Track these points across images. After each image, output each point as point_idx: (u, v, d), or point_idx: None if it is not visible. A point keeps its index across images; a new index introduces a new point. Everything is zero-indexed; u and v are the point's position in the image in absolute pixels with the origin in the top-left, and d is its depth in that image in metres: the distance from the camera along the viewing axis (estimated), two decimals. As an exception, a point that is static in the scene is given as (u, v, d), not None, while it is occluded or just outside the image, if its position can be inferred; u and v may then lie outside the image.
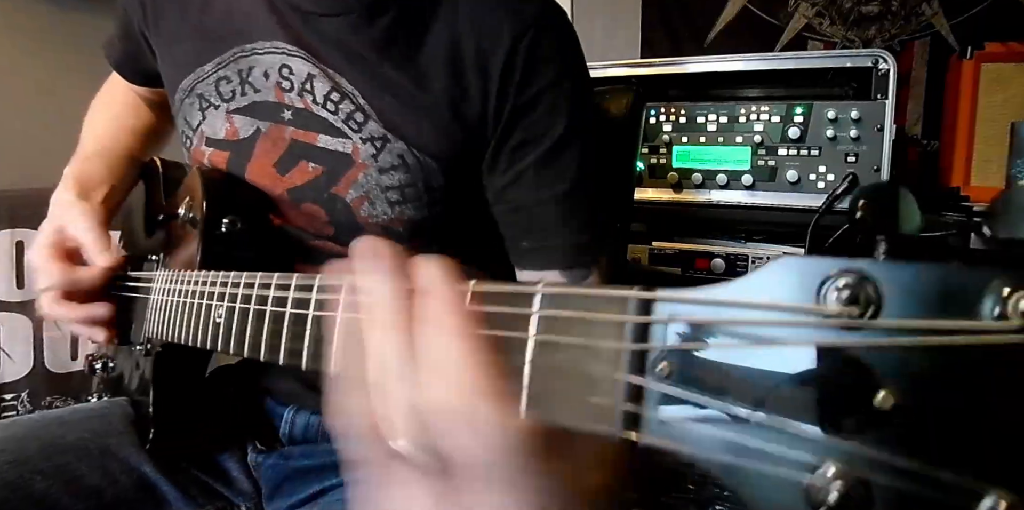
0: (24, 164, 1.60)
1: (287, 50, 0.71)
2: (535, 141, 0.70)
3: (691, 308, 0.25)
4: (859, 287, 0.21)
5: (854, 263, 0.22)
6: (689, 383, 0.25)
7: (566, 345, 0.28)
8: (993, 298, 0.19)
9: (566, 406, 0.28)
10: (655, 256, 1.36)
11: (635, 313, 0.27)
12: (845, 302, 0.21)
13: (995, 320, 0.19)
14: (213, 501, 0.78)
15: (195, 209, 0.71)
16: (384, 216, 0.72)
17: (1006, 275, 0.20)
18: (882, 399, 0.21)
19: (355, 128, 0.70)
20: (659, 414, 0.25)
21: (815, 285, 0.22)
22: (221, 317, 0.54)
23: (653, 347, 0.26)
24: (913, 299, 0.21)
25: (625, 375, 0.26)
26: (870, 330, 0.21)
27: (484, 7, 0.69)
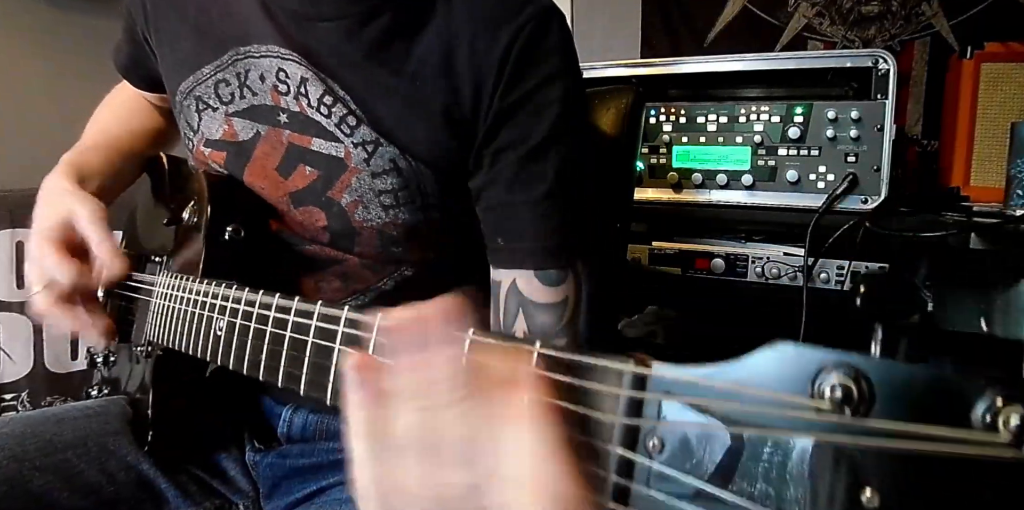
0: (24, 164, 1.60)
1: (282, 54, 0.72)
2: (517, 143, 0.70)
3: (684, 389, 0.25)
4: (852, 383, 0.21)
5: (849, 357, 0.22)
6: (679, 462, 0.25)
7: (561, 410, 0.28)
8: (985, 407, 0.20)
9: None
10: (655, 256, 1.36)
11: (630, 387, 0.27)
12: (838, 399, 0.21)
13: (985, 430, 0.19)
14: (211, 499, 0.78)
15: (200, 215, 0.71)
16: (378, 220, 0.72)
17: (1000, 386, 0.20)
18: (869, 498, 0.21)
19: (347, 132, 0.70)
20: (649, 491, 0.26)
21: (809, 376, 0.22)
22: (222, 330, 0.54)
23: (645, 423, 0.26)
24: (905, 400, 0.21)
25: (616, 448, 0.27)
26: (859, 429, 0.21)
27: (480, 12, 0.69)
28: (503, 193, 0.71)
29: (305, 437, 0.79)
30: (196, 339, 0.59)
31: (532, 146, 0.69)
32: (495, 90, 0.68)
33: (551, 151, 0.70)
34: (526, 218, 0.70)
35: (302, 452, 0.78)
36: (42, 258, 0.71)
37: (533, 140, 0.69)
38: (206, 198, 0.71)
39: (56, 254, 0.70)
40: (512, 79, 0.68)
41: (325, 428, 0.78)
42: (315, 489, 0.76)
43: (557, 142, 0.70)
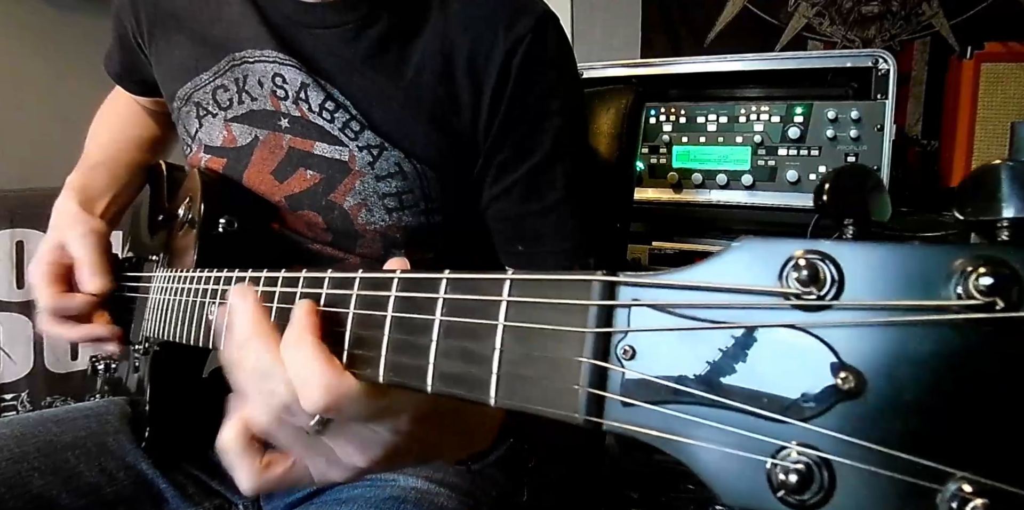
0: (24, 164, 1.60)
1: (278, 59, 0.71)
2: (525, 154, 0.70)
3: (654, 292, 0.25)
4: (819, 267, 0.21)
5: (816, 244, 0.22)
6: (652, 367, 0.25)
7: (534, 330, 0.29)
8: (956, 278, 0.19)
9: (534, 391, 0.28)
10: (655, 256, 1.36)
11: (599, 297, 0.26)
12: (805, 282, 0.21)
13: (958, 297, 0.19)
14: (210, 499, 0.77)
15: (193, 209, 0.71)
16: (381, 223, 0.72)
17: (969, 253, 0.19)
18: (844, 379, 0.21)
19: (351, 136, 0.70)
20: (622, 398, 0.25)
21: (777, 267, 0.22)
22: (214, 314, 0.54)
23: (616, 330, 0.26)
24: (875, 279, 0.20)
25: (588, 359, 0.26)
26: (832, 310, 0.21)
27: (477, 19, 0.69)
28: (517, 204, 0.72)
29: (304, 437, 0.79)
30: (190, 327, 0.59)
31: (540, 157, 0.70)
32: (496, 101, 0.69)
33: (559, 159, 0.71)
34: (541, 225, 0.72)
35: (301, 452, 0.78)
36: (34, 283, 0.77)
37: (541, 151, 0.70)
38: (199, 193, 0.71)
39: (43, 279, 0.76)
40: (513, 93, 0.69)
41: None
42: (315, 489, 0.75)
43: (563, 149, 0.71)
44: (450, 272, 0.33)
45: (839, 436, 0.21)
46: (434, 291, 0.33)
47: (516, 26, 0.68)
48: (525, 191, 0.71)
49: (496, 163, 0.71)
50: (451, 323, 0.32)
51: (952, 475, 0.19)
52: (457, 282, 0.33)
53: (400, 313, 0.35)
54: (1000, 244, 0.20)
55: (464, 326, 0.31)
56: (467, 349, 0.31)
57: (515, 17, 0.69)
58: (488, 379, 0.30)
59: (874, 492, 0.20)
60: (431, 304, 0.33)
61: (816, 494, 0.21)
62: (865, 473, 0.20)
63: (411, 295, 0.35)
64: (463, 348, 0.31)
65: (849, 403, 0.21)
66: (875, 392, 0.20)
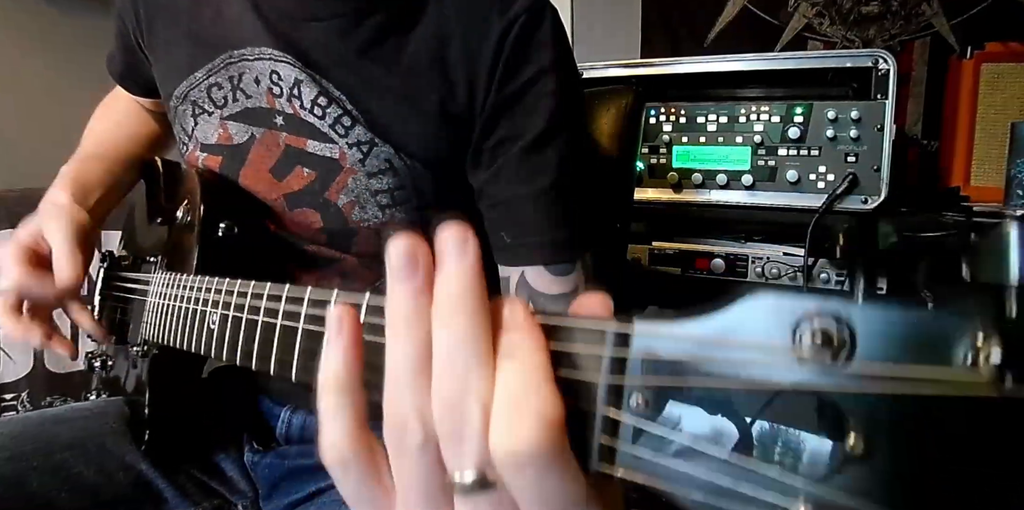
0: (24, 164, 1.60)
1: (274, 56, 0.71)
2: (516, 136, 0.70)
3: (667, 344, 0.25)
4: (833, 329, 0.21)
5: (829, 304, 0.22)
6: (664, 419, 0.25)
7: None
8: (966, 345, 0.19)
9: None
10: (655, 256, 1.36)
11: (612, 346, 0.26)
12: (819, 345, 0.21)
13: (967, 369, 0.19)
14: (210, 500, 0.77)
15: (192, 212, 0.71)
16: (375, 220, 0.72)
17: (980, 323, 0.19)
18: (854, 443, 0.21)
19: (341, 133, 0.70)
20: (634, 449, 0.25)
21: (790, 324, 0.22)
22: (215, 324, 0.54)
23: (629, 381, 0.26)
24: (887, 343, 0.21)
25: (602, 408, 0.26)
26: (843, 374, 0.21)
27: (471, 6, 0.69)
28: (506, 188, 0.71)
29: (304, 438, 0.79)
30: (190, 334, 0.59)
31: (531, 139, 0.69)
32: (489, 83, 0.68)
33: (551, 143, 0.70)
34: (531, 211, 0.70)
35: (301, 453, 0.78)
36: (4, 262, 0.72)
37: (532, 133, 0.69)
38: (199, 195, 0.71)
39: (14, 262, 0.71)
40: (507, 72, 0.68)
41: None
42: (314, 490, 0.75)
43: (556, 133, 0.70)
44: None
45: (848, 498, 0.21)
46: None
47: (510, 10, 0.68)
48: (515, 173, 0.70)
49: (489, 146, 0.71)
50: None
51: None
52: None
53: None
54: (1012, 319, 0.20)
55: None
56: None
57: (510, 2, 0.69)
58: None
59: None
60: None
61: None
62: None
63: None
64: None
65: (858, 467, 0.21)
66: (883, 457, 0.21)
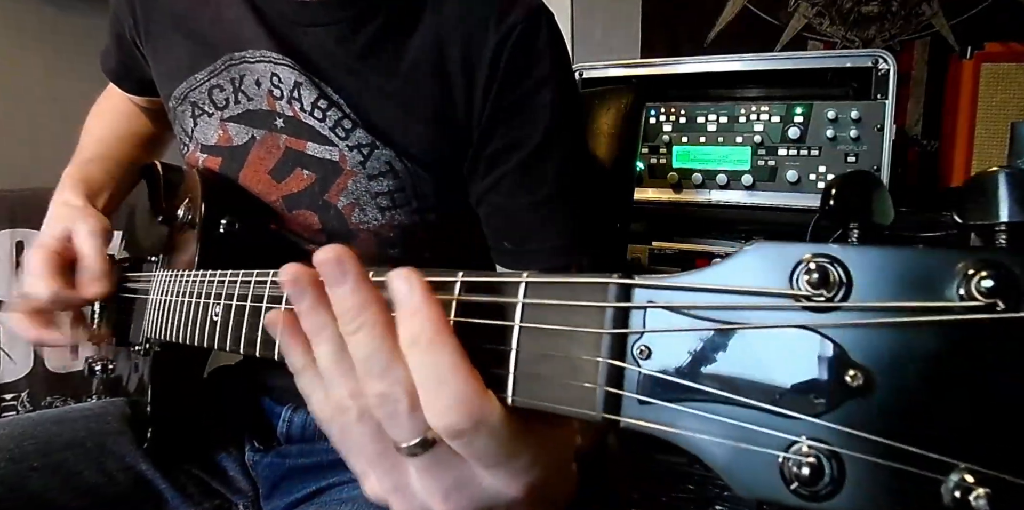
0: (24, 164, 1.60)
1: (274, 59, 0.72)
2: (515, 146, 0.70)
3: (668, 294, 0.26)
4: (829, 270, 0.22)
5: (825, 247, 0.23)
6: (667, 366, 0.26)
7: (550, 331, 0.29)
8: (958, 280, 0.20)
9: (551, 390, 0.29)
10: (655, 256, 1.36)
11: (615, 299, 0.27)
12: (815, 284, 0.22)
13: (960, 299, 0.20)
14: (211, 499, 0.77)
15: (193, 210, 0.71)
16: (375, 222, 0.72)
17: (970, 257, 0.20)
18: (852, 377, 0.22)
19: (342, 136, 0.70)
20: (639, 396, 0.26)
21: (788, 269, 0.23)
22: (218, 315, 0.54)
23: (632, 331, 0.27)
24: (882, 282, 0.22)
25: (605, 359, 0.27)
26: (840, 311, 0.22)
27: (470, 13, 0.69)
28: (506, 197, 0.71)
29: (305, 437, 0.79)
30: (193, 328, 0.59)
31: (530, 149, 0.70)
32: (487, 91, 0.69)
33: (550, 152, 0.70)
34: (531, 220, 0.71)
35: (301, 452, 0.78)
36: (32, 270, 0.72)
37: (531, 143, 0.70)
38: (200, 193, 0.71)
39: (42, 268, 0.71)
40: (504, 81, 0.68)
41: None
42: (315, 489, 0.75)
43: (555, 143, 0.70)
44: (464, 274, 0.33)
45: (848, 431, 0.22)
46: (448, 293, 0.34)
47: (508, 17, 0.68)
48: (515, 184, 0.71)
49: (486, 155, 0.71)
50: (466, 325, 0.33)
51: (956, 466, 0.20)
52: (471, 284, 0.33)
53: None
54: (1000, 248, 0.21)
55: (479, 327, 0.32)
56: (483, 349, 0.32)
57: (507, 9, 0.69)
58: (505, 378, 0.31)
59: (882, 483, 0.21)
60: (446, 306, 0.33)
61: (827, 486, 0.22)
62: (873, 465, 0.21)
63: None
64: (479, 349, 0.32)
65: (857, 399, 0.22)
66: (882, 389, 0.21)
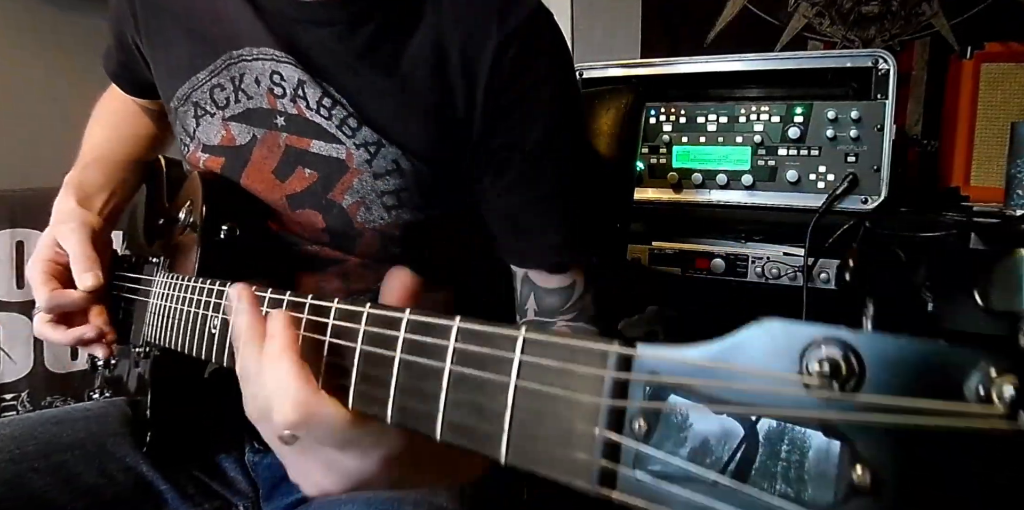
0: (24, 164, 1.60)
1: (276, 56, 0.71)
2: (516, 144, 0.70)
3: (671, 368, 0.25)
4: (841, 357, 0.21)
5: (838, 332, 0.21)
6: (666, 444, 0.25)
7: (547, 394, 0.28)
8: (978, 379, 0.19)
9: (545, 454, 0.28)
10: (655, 256, 1.36)
11: (615, 369, 0.26)
12: (827, 373, 0.21)
13: (979, 403, 0.19)
14: (211, 500, 0.77)
15: (195, 214, 0.71)
16: (380, 221, 0.72)
17: (993, 357, 0.19)
18: (861, 475, 0.20)
19: (349, 134, 0.70)
20: (635, 473, 0.25)
21: (798, 352, 0.22)
22: (216, 329, 0.54)
23: (631, 405, 0.26)
24: (896, 374, 0.20)
25: (602, 430, 0.26)
26: (851, 403, 0.21)
27: (470, 13, 0.69)
28: (506, 195, 0.72)
29: (305, 438, 0.79)
30: (191, 338, 0.59)
31: (532, 147, 0.70)
32: (488, 93, 0.69)
33: (550, 150, 0.71)
34: (531, 217, 0.72)
35: (302, 453, 0.78)
36: (31, 281, 0.75)
37: (532, 141, 0.70)
38: (201, 197, 0.71)
39: (40, 277, 0.75)
40: (506, 80, 0.68)
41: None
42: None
43: (555, 141, 0.71)
44: (461, 320, 0.33)
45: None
46: (444, 338, 0.33)
47: (509, 19, 0.69)
48: (516, 182, 0.71)
49: (488, 152, 0.71)
50: (462, 374, 0.32)
51: None
52: (468, 332, 0.32)
53: (409, 355, 0.35)
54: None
55: (475, 379, 0.31)
56: (478, 403, 0.31)
57: (508, 10, 0.69)
58: (499, 436, 0.30)
59: None
60: (441, 351, 0.33)
61: None
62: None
63: (420, 339, 0.35)
64: (473, 401, 0.31)
65: (864, 499, 0.20)
66: (889, 491, 0.20)
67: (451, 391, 0.32)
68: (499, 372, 0.30)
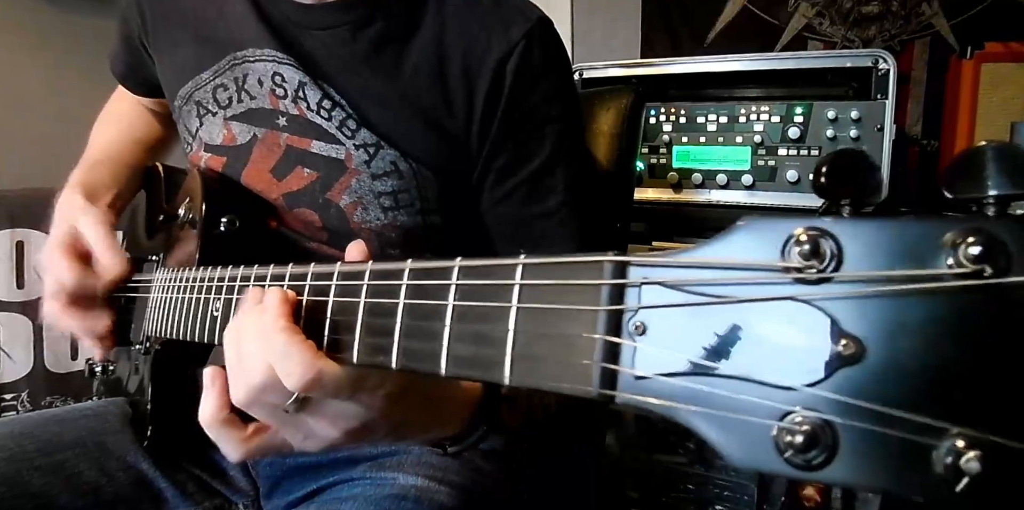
0: (24, 164, 1.60)
1: (277, 58, 0.72)
2: (524, 159, 0.71)
3: (662, 271, 0.27)
4: (820, 242, 0.22)
5: (816, 221, 0.23)
6: (662, 341, 0.26)
7: (547, 311, 0.30)
8: (947, 248, 0.21)
9: (547, 370, 0.29)
10: (655, 256, 1.36)
11: (610, 277, 0.28)
12: (807, 256, 0.23)
13: (949, 268, 0.20)
14: (211, 499, 0.77)
15: (194, 209, 0.72)
16: (377, 222, 0.72)
17: (958, 225, 0.21)
18: (845, 346, 0.22)
19: (348, 135, 0.71)
20: (635, 371, 0.27)
21: (780, 243, 0.23)
22: (218, 311, 0.54)
23: (627, 308, 0.27)
24: (873, 253, 0.22)
25: (602, 335, 0.27)
26: (832, 282, 0.22)
27: (471, 25, 0.69)
28: (515, 208, 0.72)
29: (305, 437, 0.80)
30: (194, 324, 0.59)
31: (541, 161, 0.71)
32: (489, 107, 0.69)
33: (559, 164, 0.71)
34: (540, 229, 0.72)
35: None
36: (51, 264, 0.74)
37: (540, 156, 0.71)
38: (200, 192, 0.71)
39: (63, 259, 0.73)
40: (510, 97, 0.69)
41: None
42: (315, 488, 0.75)
43: (563, 154, 0.72)
44: (462, 259, 0.34)
45: (841, 399, 0.22)
46: (446, 278, 0.34)
47: (510, 31, 0.69)
48: (525, 196, 0.72)
49: (495, 168, 0.72)
50: (464, 308, 0.33)
51: (947, 431, 0.20)
52: (469, 269, 0.34)
53: (412, 300, 0.36)
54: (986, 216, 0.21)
55: (477, 310, 0.32)
56: (480, 332, 0.32)
57: (509, 23, 0.69)
58: (503, 360, 0.31)
59: (875, 449, 0.22)
60: (443, 291, 0.34)
61: (820, 454, 0.22)
62: (867, 432, 0.22)
63: (422, 283, 0.36)
64: (476, 331, 0.32)
65: (850, 368, 0.22)
66: (874, 357, 0.22)
67: (454, 326, 0.34)
68: (500, 299, 0.31)
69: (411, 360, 0.36)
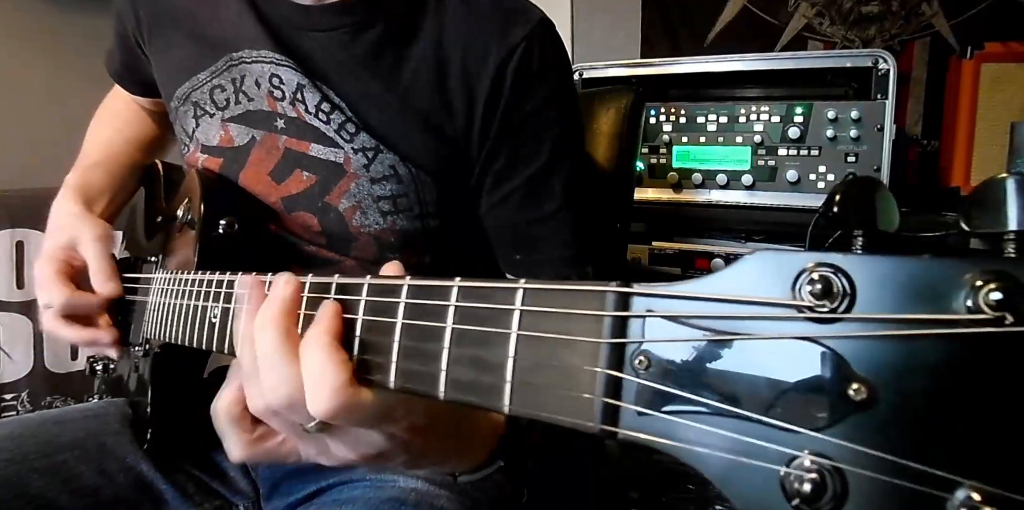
0: (24, 164, 1.60)
1: (275, 59, 0.72)
2: (523, 163, 0.71)
3: (668, 303, 0.26)
4: (832, 280, 0.21)
5: (828, 256, 0.22)
6: (666, 376, 0.25)
7: (548, 339, 0.29)
8: (965, 291, 0.19)
9: (548, 400, 0.29)
10: (655, 256, 1.36)
11: (613, 308, 0.27)
12: (818, 295, 0.22)
13: (968, 313, 0.19)
14: (211, 500, 0.77)
15: (193, 211, 0.71)
16: (376, 226, 0.72)
17: (978, 268, 0.19)
18: (856, 391, 0.21)
19: (347, 138, 0.70)
20: (637, 407, 0.26)
21: (790, 279, 0.22)
22: (216, 318, 0.54)
23: (631, 341, 0.26)
24: (886, 292, 0.21)
25: (603, 369, 0.27)
26: (844, 322, 0.21)
27: (471, 27, 0.69)
28: (513, 212, 0.72)
29: (305, 438, 0.79)
30: (192, 330, 0.59)
31: (539, 165, 0.71)
32: (488, 111, 0.69)
33: (558, 168, 0.71)
34: (539, 233, 0.72)
35: (302, 453, 0.78)
36: (42, 281, 0.75)
37: (539, 160, 0.70)
38: (199, 194, 0.71)
39: (52, 277, 0.75)
40: (510, 100, 0.69)
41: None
42: (315, 490, 0.75)
43: (561, 157, 0.71)
44: (461, 280, 0.33)
45: (851, 446, 0.21)
46: (445, 299, 0.33)
47: (509, 35, 0.68)
48: (523, 200, 0.72)
49: (493, 171, 0.71)
50: (463, 331, 0.32)
51: (961, 484, 0.19)
52: (468, 290, 0.33)
53: (411, 320, 0.35)
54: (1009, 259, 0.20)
55: (477, 334, 0.32)
56: (480, 357, 0.31)
57: (508, 26, 0.69)
58: (502, 387, 0.30)
59: (885, 500, 0.20)
60: (442, 311, 0.33)
61: (829, 502, 0.21)
62: (877, 482, 0.21)
63: (421, 302, 0.35)
64: (475, 356, 0.31)
65: (861, 414, 0.21)
66: (886, 403, 0.21)
67: (453, 349, 0.33)
68: (500, 324, 0.31)
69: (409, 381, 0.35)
